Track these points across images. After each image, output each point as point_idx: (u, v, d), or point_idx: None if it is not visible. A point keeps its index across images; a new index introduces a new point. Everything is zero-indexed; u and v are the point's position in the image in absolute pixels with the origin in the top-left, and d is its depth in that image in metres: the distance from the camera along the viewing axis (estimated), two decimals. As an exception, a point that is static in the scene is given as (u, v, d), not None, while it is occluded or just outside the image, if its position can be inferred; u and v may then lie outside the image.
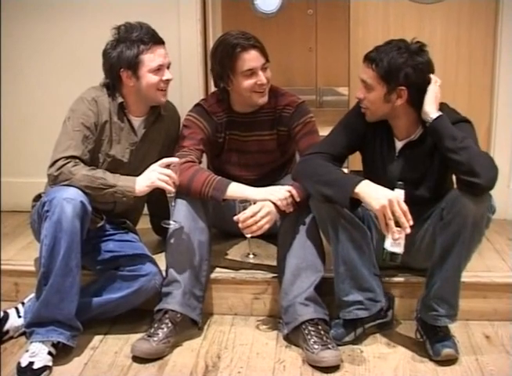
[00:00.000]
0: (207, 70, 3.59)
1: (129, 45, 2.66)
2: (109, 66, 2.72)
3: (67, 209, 2.45)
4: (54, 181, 2.57)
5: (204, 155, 3.02)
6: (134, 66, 2.67)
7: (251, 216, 2.64)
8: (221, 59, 2.83)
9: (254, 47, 2.80)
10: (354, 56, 3.60)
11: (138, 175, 2.65)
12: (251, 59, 2.80)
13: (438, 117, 2.48)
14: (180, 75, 3.50)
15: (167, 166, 2.60)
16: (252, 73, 2.81)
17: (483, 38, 3.50)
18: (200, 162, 2.91)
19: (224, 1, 3.81)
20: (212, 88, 3.60)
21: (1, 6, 3.46)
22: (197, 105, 3.01)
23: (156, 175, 2.56)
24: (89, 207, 2.54)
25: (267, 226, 2.66)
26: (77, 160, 2.58)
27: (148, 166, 2.65)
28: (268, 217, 2.65)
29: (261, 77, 2.82)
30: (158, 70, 2.70)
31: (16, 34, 3.56)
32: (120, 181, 2.58)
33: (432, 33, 3.52)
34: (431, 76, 2.54)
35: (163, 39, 2.74)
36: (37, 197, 2.77)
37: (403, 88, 2.50)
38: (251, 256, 2.80)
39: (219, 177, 2.74)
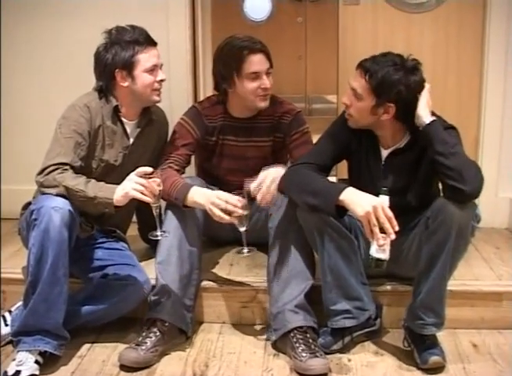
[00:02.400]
0: (196, 75, 3.61)
1: (124, 45, 2.67)
2: (103, 68, 2.71)
3: (55, 218, 2.44)
4: (41, 188, 2.56)
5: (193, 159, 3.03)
6: (129, 66, 2.68)
7: (259, 184, 2.69)
8: (227, 60, 2.85)
9: (261, 51, 2.83)
10: (343, 63, 3.62)
11: None
12: (258, 62, 2.82)
13: (432, 122, 2.49)
14: (169, 80, 3.45)
15: (148, 175, 2.51)
16: (257, 76, 2.83)
17: (471, 46, 3.53)
18: (185, 166, 2.94)
19: (214, 9, 3.82)
20: (201, 92, 3.62)
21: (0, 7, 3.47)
22: (191, 107, 3.05)
23: (130, 185, 2.48)
24: (77, 216, 2.53)
25: (275, 192, 2.70)
26: (66, 167, 2.56)
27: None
28: (274, 184, 2.69)
29: (265, 81, 2.84)
30: (152, 70, 2.71)
31: (10, 37, 3.56)
32: (101, 191, 2.52)
33: (420, 41, 3.54)
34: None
35: (155, 40, 2.75)
36: (27, 205, 2.75)
37: (391, 104, 2.51)
38: (246, 250, 2.76)
39: (185, 181, 2.75)
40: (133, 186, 2.47)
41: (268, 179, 2.70)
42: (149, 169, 2.52)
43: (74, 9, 3.49)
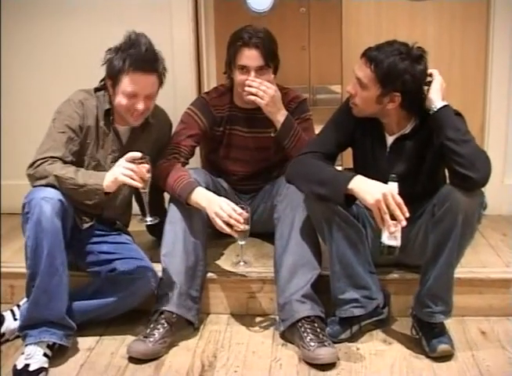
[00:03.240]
0: (200, 70, 3.60)
1: (121, 56, 2.60)
2: (103, 65, 2.69)
3: (46, 208, 2.44)
4: (31, 180, 2.55)
5: (198, 150, 3.03)
6: (114, 79, 2.63)
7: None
8: (228, 47, 2.89)
9: (256, 47, 2.80)
10: (346, 53, 3.60)
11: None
12: (248, 56, 2.82)
13: (444, 107, 2.48)
14: (173, 76, 3.47)
15: (137, 160, 2.49)
16: (245, 70, 2.83)
17: (475, 35, 3.50)
18: (189, 157, 2.94)
19: (216, 1, 3.81)
20: (205, 86, 3.61)
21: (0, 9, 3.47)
22: (199, 97, 3.07)
23: (120, 170, 2.47)
24: (69, 206, 2.53)
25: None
26: (56, 160, 2.55)
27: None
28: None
29: (251, 77, 2.82)
30: (133, 96, 2.61)
31: (10, 36, 3.56)
32: (91, 179, 2.52)
33: (424, 31, 3.52)
34: (432, 71, 2.53)
35: (155, 68, 2.64)
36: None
37: (397, 94, 2.49)
38: (242, 264, 2.79)
39: (190, 178, 2.74)
40: (122, 171, 2.47)
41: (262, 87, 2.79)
42: (138, 154, 2.50)
43: (76, 9, 3.48)
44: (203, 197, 2.67)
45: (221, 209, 2.59)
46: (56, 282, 2.49)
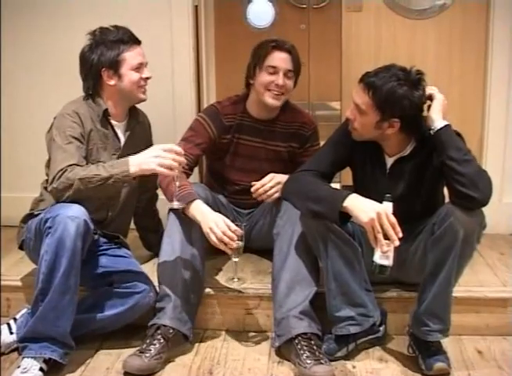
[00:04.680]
0: (200, 84, 3.61)
1: (109, 45, 2.72)
2: (89, 68, 2.74)
3: (71, 228, 2.44)
4: (57, 194, 2.55)
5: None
6: (115, 65, 2.72)
7: (262, 186, 2.87)
8: (256, 51, 2.95)
9: (288, 51, 2.90)
10: (346, 70, 3.63)
11: None
12: (279, 58, 2.89)
13: (445, 126, 2.48)
14: (173, 88, 3.51)
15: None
16: (274, 71, 2.89)
17: (475, 52, 3.53)
18: (193, 166, 2.96)
19: (216, 16, 3.82)
20: (205, 100, 3.62)
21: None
22: (211, 105, 3.10)
23: (156, 161, 2.49)
24: (91, 226, 2.53)
25: (276, 195, 2.87)
26: (73, 166, 2.55)
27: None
28: (278, 186, 2.85)
29: (280, 79, 2.88)
30: (138, 68, 2.75)
31: (10, 40, 3.58)
32: (115, 168, 2.54)
33: (424, 47, 3.55)
34: (431, 88, 2.54)
35: (139, 39, 2.79)
36: (26, 218, 2.76)
37: (396, 119, 2.50)
38: (236, 280, 2.79)
39: (192, 189, 2.74)
40: (159, 162, 2.50)
41: (274, 180, 2.84)
42: (177, 148, 2.54)
43: (75, 13, 3.50)
44: (199, 212, 2.67)
45: (216, 225, 2.58)
46: (67, 301, 2.49)
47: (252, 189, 2.87)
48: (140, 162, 2.53)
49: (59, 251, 2.44)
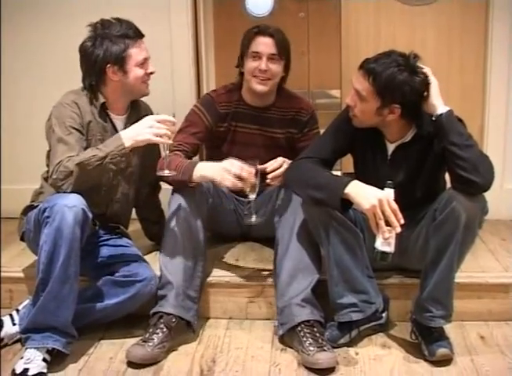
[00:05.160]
0: (199, 75, 3.61)
1: (114, 40, 2.68)
2: (92, 64, 2.70)
3: (68, 216, 2.44)
4: (57, 185, 2.54)
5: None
6: (121, 60, 2.69)
7: (278, 167, 2.77)
8: (242, 40, 2.95)
9: (271, 35, 2.88)
10: (345, 58, 3.61)
11: (122, 176, 2.77)
12: (262, 43, 2.88)
13: (447, 112, 2.47)
14: (172, 82, 3.51)
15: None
16: (258, 57, 2.88)
17: (474, 37, 3.52)
18: (192, 156, 2.95)
19: (215, 5, 3.81)
20: (204, 90, 3.61)
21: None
22: (205, 95, 3.11)
23: (151, 131, 2.52)
24: (89, 214, 2.53)
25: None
26: (71, 157, 2.54)
27: (131, 166, 2.74)
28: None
29: (263, 64, 2.87)
30: (143, 63, 2.74)
31: (10, 38, 3.57)
32: (109, 147, 2.54)
33: (423, 34, 3.53)
34: (425, 70, 2.52)
35: (143, 33, 2.77)
36: (26, 210, 2.76)
37: (397, 105, 2.49)
38: (254, 217, 2.77)
39: (189, 161, 2.76)
40: (154, 132, 2.52)
41: (287, 163, 2.78)
42: (170, 118, 2.57)
43: (75, 10, 3.48)
44: (206, 167, 2.69)
45: (231, 165, 2.60)
46: (67, 290, 2.49)
47: (268, 170, 2.77)
48: (134, 134, 2.55)
49: (58, 240, 2.44)
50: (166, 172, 2.62)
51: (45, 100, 2.77)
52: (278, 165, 2.78)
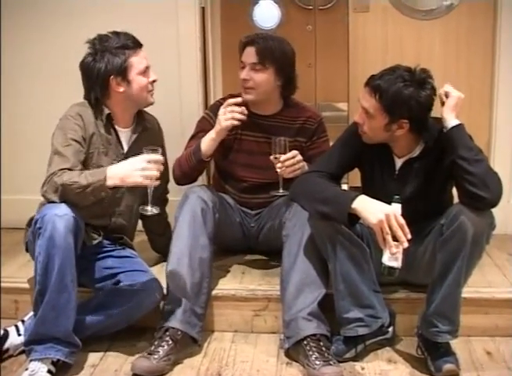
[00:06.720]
0: (207, 85, 3.62)
1: (115, 52, 2.69)
2: (95, 78, 2.71)
3: (59, 225, 2.44)
4: (47, 197, 2.55)
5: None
6: (123, 71, 2.70)
7: (292, 157, 2.75)
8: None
9: (253, 44, 2.90)
10: (353, 71, 3.63)
11: (126, 189, 2.75)
12: (246, 52, 2.93)
13: (457, 125, 2.47)
14: (179, 90, 3.51)
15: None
16: (242, 67, 2.91)
17: (482, 52, 3.53)
18: None
19: (223, 18, 3.83)
20: (212, 101, 3.61)
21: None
22: (215, 102, 3.14)
23: (139, 174, 2.46)
24: (82, 223, 2.53)
25: (298, 172, 2.77)
26: (65, 171, 2.54)
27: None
28: (302, 163, 2.78)
29: (244, 73, 2.91)
30: (144, 71, 2.75)
31: (12, 41, 3.58)
32: (93, 177, 2.50)
33: (431, 48, 3.54)
34: (447, 86, 2.53)
35: (141, 42, 2.78)
36: (30, 221, 2.76)
37: (405, 120, 2.49)
38: (281, 190, 2.79)
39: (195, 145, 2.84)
40: (142, 174, 2.46)
41: (298, 158, 2.77)
42: (160, 158, 2.52)
43: (80, 17, 3.50)
44: (211, 135, 2.80)
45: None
46: (65, 299, 2.49)
47: (281, 159, 2.75)
48: (124, 175, 2.49)
49: (51, 249, 2.44)
50: (149, 209, 2.56)
51: (46, 107, 2.78)
52: (291, 155, 2.76)
